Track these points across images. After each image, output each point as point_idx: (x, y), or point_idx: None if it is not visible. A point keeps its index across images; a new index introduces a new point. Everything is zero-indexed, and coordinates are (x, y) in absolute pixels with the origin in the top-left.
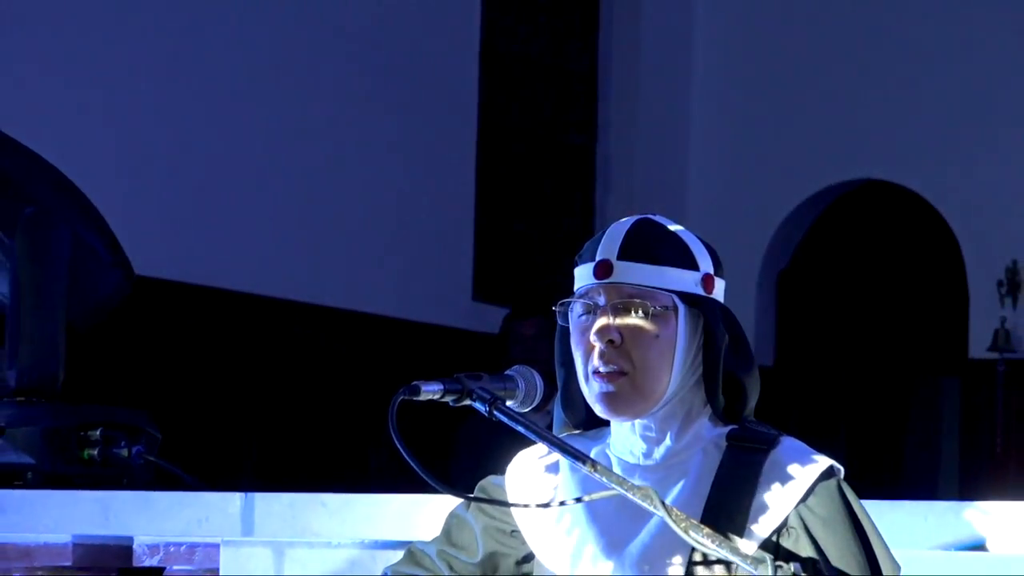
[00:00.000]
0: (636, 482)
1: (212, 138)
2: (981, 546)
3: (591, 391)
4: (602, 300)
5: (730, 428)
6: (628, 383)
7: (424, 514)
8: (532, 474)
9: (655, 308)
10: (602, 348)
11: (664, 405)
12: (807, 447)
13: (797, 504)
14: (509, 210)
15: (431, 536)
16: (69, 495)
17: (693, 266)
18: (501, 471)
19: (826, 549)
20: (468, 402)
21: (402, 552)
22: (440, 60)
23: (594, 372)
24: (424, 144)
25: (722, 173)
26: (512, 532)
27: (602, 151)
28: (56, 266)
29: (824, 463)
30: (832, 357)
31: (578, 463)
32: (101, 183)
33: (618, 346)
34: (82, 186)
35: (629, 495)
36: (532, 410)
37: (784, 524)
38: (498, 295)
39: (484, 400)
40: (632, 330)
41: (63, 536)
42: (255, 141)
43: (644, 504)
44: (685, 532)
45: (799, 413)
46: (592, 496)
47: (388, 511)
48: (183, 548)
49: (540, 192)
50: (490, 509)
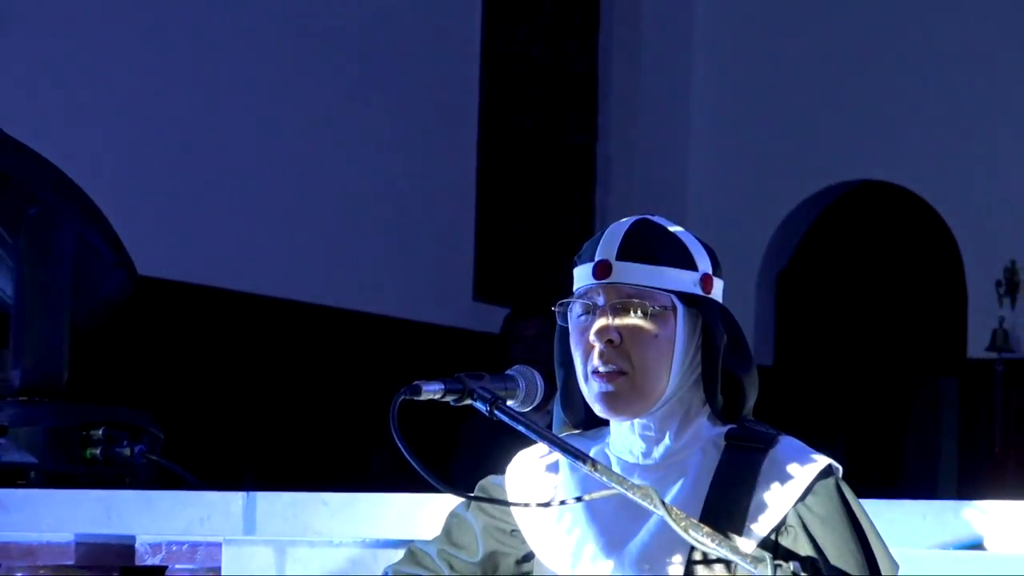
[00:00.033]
0: (636, 481)
1: (213, 138)
2: (980, 545)
3: (590, 391)
4: (601, 300)
5: (729, 427)
6: (627, 383)
7: (425, 513)
8: (532, 473)
9: (654, 308)
10: (601, 348)
11: (663, 405)
12: (806, 446)
13: (796, 503)
14: (509, 210)
15: (432, 535)
16: (72, 494)
17: (692, 266)
18: (502, 470)
19: (824, 548)
20: (469, 402)
21: (403, 551)
22: (441, 61)
23: (593, 372)
24: (425, 144)
25: (722, 173)
26: (512, 531)
27: (602, 151)
28: (60, 266)
29: (823, 462)
30: (831, 357)
31: (578, 462)
32: (102, 183)
33: (617, 346)
34: (84, 186)
35: (629, 494)
36: (532, 410)
37: (783, 523)
38: (498, 295)
39: (485, 400)
40: (631, 330)
41: (66, 535)
42: (256, 141)
43: (644, 503)
44: (685, 531)
45: (798, 413)
46: (592, 495)
47: (389, 510)
48: (185, 547)
49: (540, 192)
50: (490, 508)
